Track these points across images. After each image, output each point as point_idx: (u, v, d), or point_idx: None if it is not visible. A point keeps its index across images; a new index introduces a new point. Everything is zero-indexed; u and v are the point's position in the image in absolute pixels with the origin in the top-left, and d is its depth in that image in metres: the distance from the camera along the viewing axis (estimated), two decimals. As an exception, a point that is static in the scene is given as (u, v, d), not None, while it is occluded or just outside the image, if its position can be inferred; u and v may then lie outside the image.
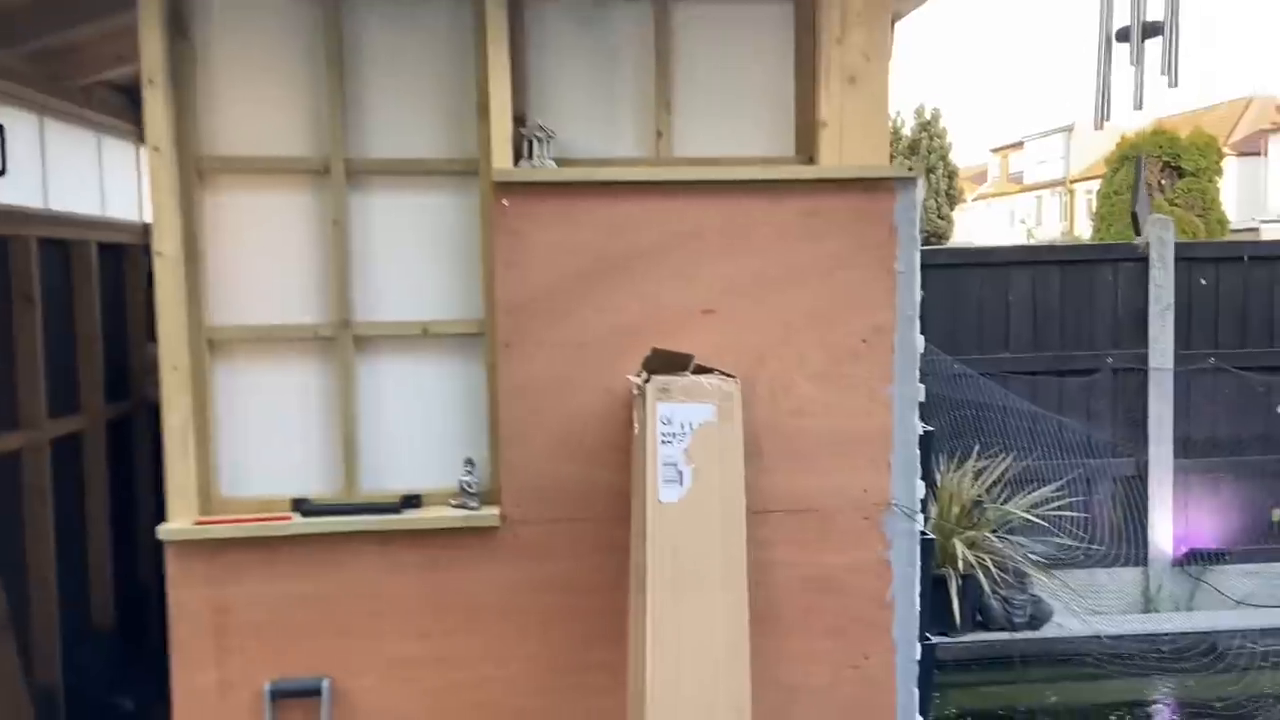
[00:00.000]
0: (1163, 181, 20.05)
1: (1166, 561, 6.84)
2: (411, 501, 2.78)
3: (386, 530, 2.71)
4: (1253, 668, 5.91)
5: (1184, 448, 6.81)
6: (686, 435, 2.48)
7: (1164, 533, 6.82)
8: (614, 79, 2.95)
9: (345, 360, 2.79)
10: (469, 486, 2.76)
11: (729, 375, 2.56)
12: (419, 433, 2.85)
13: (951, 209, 19.97)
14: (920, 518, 2.84)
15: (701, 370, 2.55)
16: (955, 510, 6.14)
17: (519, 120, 2.79)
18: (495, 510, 2.73)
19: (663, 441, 2.48)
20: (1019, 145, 40.14)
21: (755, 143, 2.96)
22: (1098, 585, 6.68)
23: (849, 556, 2.80)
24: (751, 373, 2.72)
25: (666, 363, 2.55)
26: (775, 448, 2.75)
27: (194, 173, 2.75)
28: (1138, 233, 6.80)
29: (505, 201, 2.66)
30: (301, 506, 2.75)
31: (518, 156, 2.75)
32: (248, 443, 2.82)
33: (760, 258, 2.73)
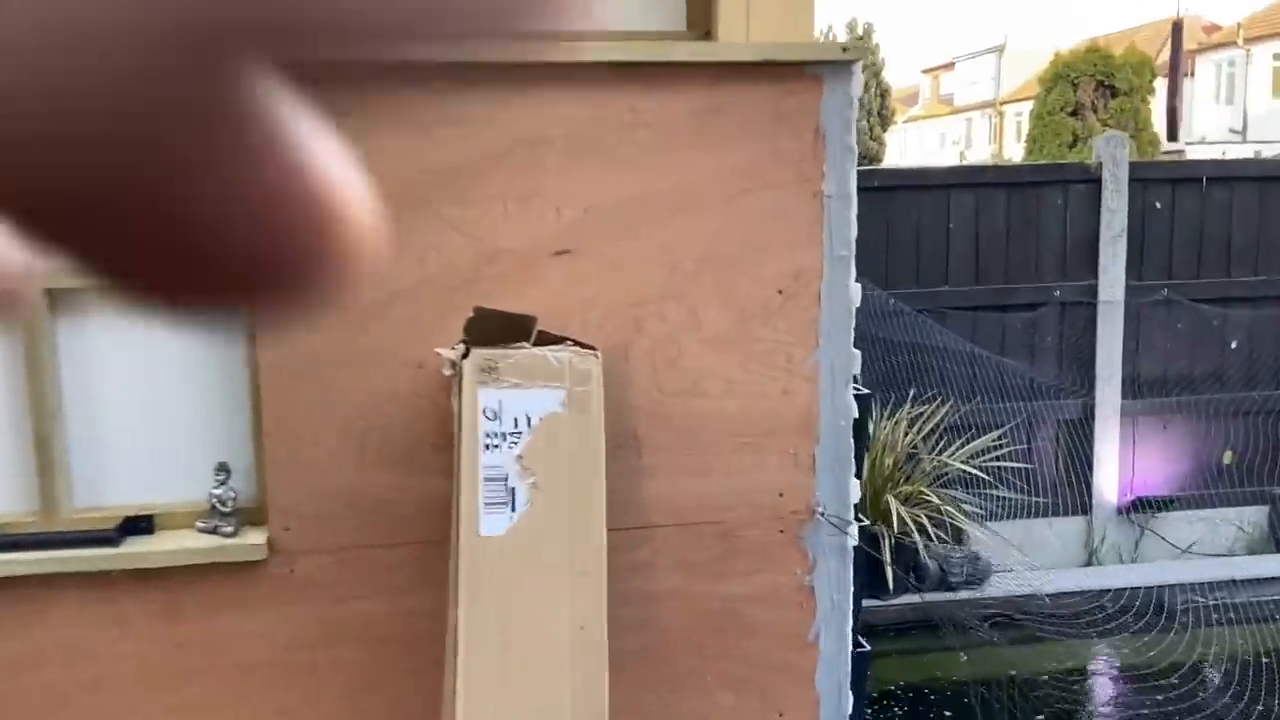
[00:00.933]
0: (1095, 101, 19.58)
1: (1111, 510, 6.34)
2: (139, 525, 1.96)
3: (102, 570, 1.90)
4: (1199, 625, 5.48)
5: (1133, 387, 6.26)
6: (523, 435, 1.71)
7: (1109, 479, 6.31)
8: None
9: (34, 320, 1.93)
10: (222, 503, 1.95)
11: (587, 347, 1.78)
12: (150, 427, 2.01)
13: (884, 130, 19.29)
14: (855, 528, 2.12)
15: (548, 339, 1.77)
16: (888, 462, 5.52)
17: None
18: (261, 537, 1.93)
19: (486, 445, 1.70)
20: (950, 66, 39.47)
21: (628, 10, 2.13)
22: (1037, 538, 6.15)
23: (758, 583, 2.07)
24: (624, 339, 1.94)
25: (498, 328, 1.77)
26: (659, 441, 1.98)
27: None
28: (1173, 134, 6.05)
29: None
30: (-27, 538, 1.92)
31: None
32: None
33: (636, 175, 1.93)
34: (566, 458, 1.73)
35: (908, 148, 38.85)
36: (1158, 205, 6.13)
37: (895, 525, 5.25)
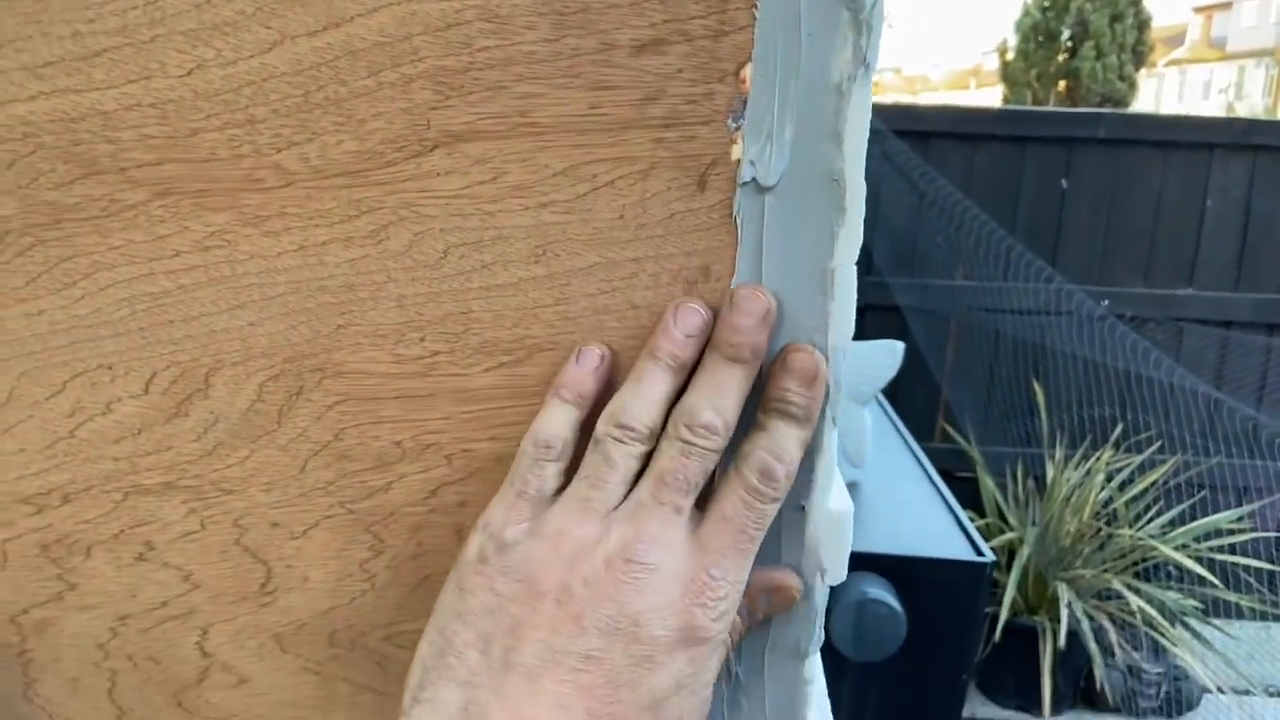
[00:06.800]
0: None
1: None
2: None
3: None
4: None
5: None
6: None
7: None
8: None
9: None
10: None
11: None
12: None
13: (1137, 69, 16.46)
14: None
15: None
16: (1069, 529, 3.92)
17: None
18: None
19: None
20: (1226, 5, 34.46)
21: None
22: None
23: None
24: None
25: None
26: None
27: None
28: None
29: None
30: None
31: None
32: None
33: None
34: None
35: (1164, 95, 34.37)
36: None
37: (1065, 622, 3.70)
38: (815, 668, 0.51)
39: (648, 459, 0.46)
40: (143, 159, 0.47)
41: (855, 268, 0.47)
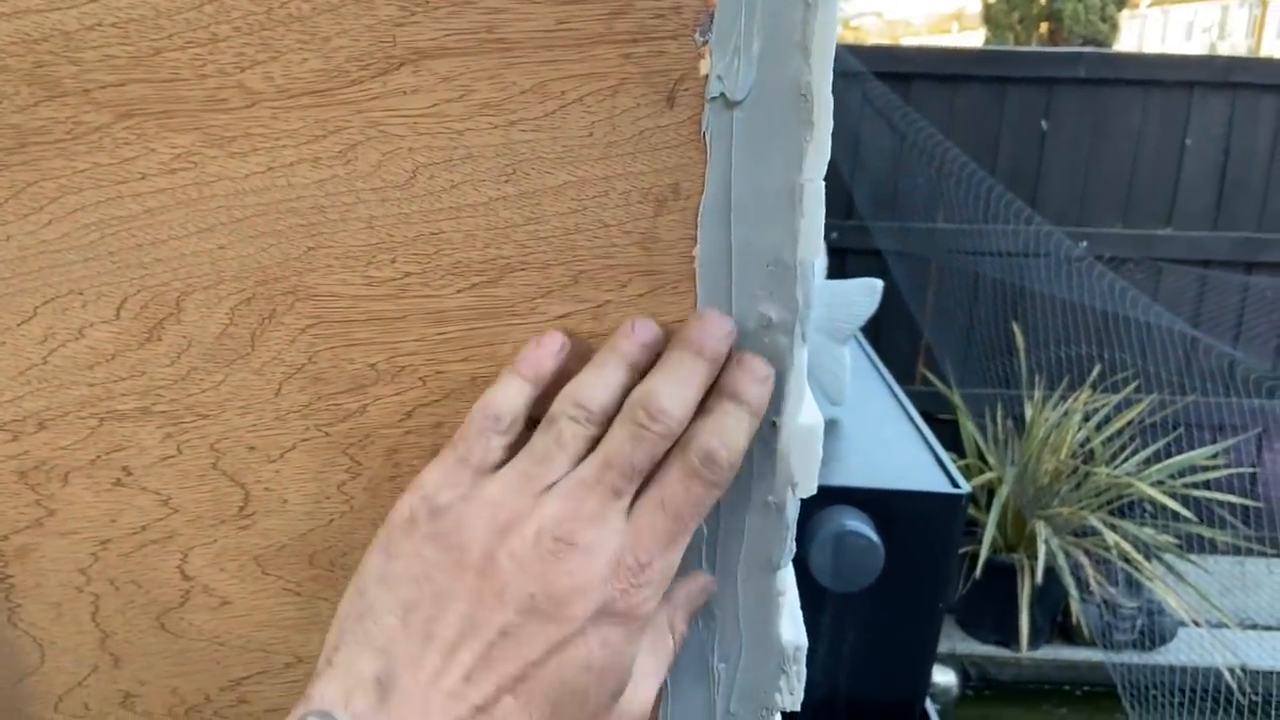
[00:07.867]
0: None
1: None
2: None
3: None
4: None
5: None
6: None
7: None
8: None
9: None
10: None
11: None
12: None
13: (1119, 9, 16.33)
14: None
15: None
16: (1047, 468, 3.98)
17: None
18: None
19: None
20: (1212, -58, 34.13)
21: None
22: (1253, 582, 4.50)
23: None
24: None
25: None
26: None
27: None
28: None
29: None
30: None
31: None
32: None
33: None
34: None
35: (1147, 36, 34.16)
36: None
37: (1042, 559, 3.76)
38: (787, 579, 0.52)
39: (595, 445, 0.45)
40: (106, 80, 0.47)
41: (824, 183, 0.47)
